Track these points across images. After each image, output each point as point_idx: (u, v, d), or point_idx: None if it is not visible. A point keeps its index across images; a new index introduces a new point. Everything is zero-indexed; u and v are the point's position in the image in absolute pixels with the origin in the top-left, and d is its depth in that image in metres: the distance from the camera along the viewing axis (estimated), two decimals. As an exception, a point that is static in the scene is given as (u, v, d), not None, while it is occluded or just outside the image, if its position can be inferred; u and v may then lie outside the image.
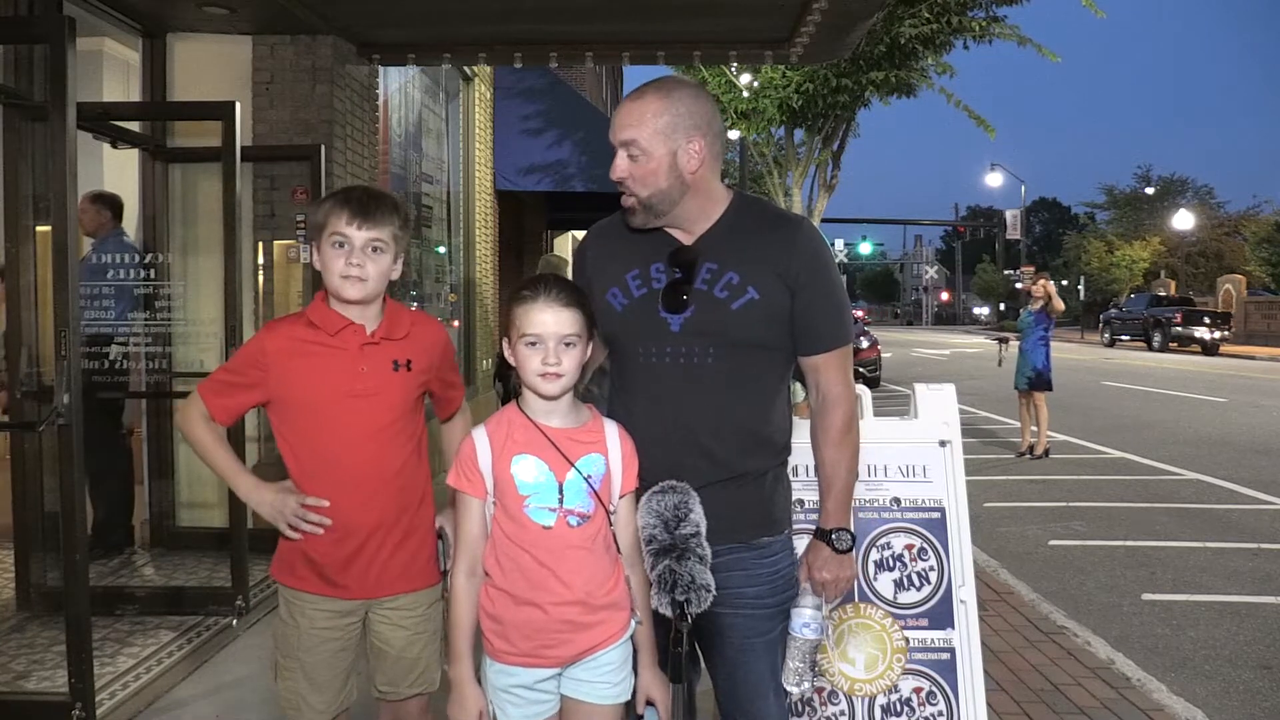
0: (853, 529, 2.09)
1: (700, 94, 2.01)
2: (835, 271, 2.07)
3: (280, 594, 2.20)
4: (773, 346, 2.02)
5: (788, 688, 2.05)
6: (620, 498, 1.95)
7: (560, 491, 1.90)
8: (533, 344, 1.89)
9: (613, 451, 1.95)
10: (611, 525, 1.95)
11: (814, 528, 2.11)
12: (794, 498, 2.18)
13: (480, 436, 1.95)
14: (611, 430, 1.98)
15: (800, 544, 2.14)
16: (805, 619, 2.05)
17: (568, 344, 1.89)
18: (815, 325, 2.02)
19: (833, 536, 2.05)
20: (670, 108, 1.96)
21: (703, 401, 1.98)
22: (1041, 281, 9.78)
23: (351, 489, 2.10)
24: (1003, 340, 11.27)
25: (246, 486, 2.15)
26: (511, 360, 1.95)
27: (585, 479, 1.91)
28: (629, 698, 1.97)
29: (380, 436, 2.12)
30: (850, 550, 2.07)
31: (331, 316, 2.13)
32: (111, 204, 4.92)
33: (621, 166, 1.98)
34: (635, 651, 1.99)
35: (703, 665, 2.15)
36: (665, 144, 1.96)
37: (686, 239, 2.04)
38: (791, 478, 2.17)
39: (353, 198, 2.11)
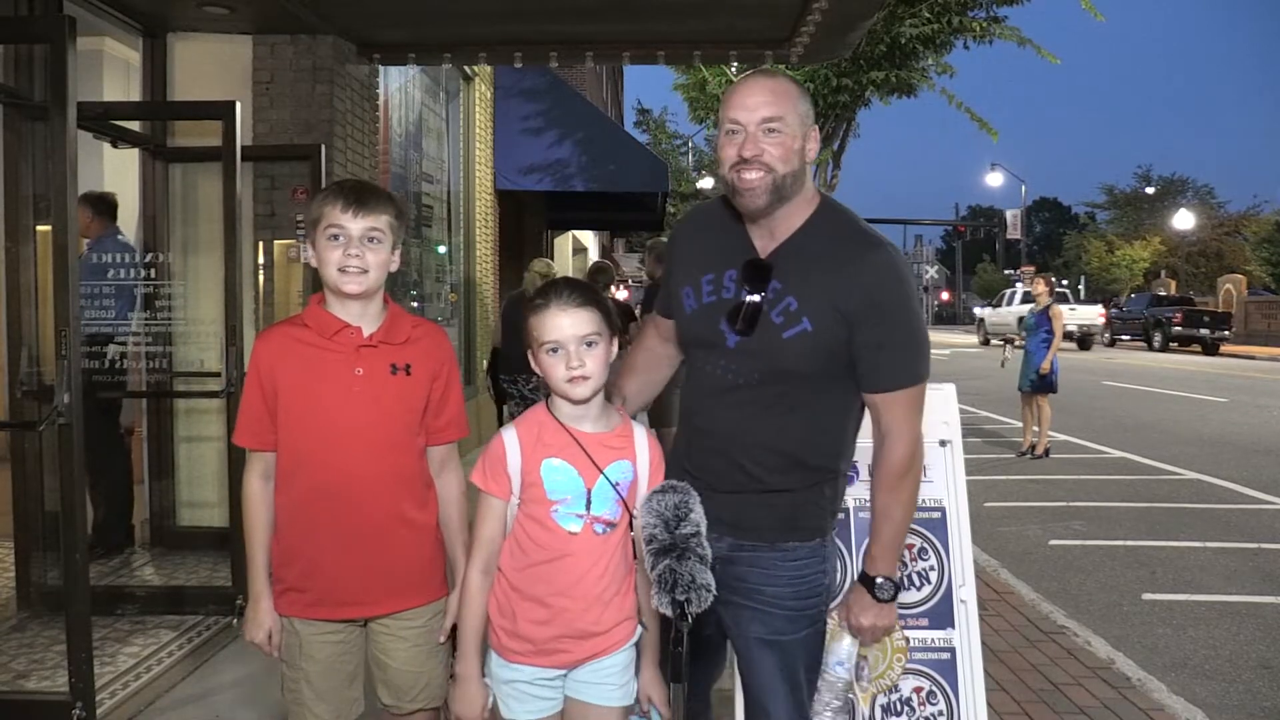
0: (897, 578, 2.02)
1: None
2: (907, 308, 1.92)
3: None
4: (823, 376, 1.93)
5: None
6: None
7: (588, 498, 1.89)
8: (554, 350, 1.87)
9: (641, 457, 1.95)
10: (632, 530, 1.94)
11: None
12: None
13: (510, 436, 1.93)
14: (640, 435, 1.97)
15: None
16: (840, 657, 2.02)
17: (589, 344, 1.87)
18: (874, 363, 1.90)
19: (875, 584, 1.99)
20: (804, 95, 1.93)
21: (740, 419, 1.96)
22: (1039, 280, 9.73)
23: (340, 492, 2.03)
24: (1008, 340, 11.25)
25: (256, 592, 2.11)
26: (537, 369, 1.92)
27: (613, 486, 1.90)
28: (631, 701, 1.97)
29: (375, 441, 2.04)
30: (893, 600, 2.01)
31: (327, 318, 2.05)
32: (95, 205, 4.86)
33: (760, 141, 1.86)
34: (639, 653, 1.99)
35: (730, 657, 2.14)
36: (802, 127, 1.90)
37: (767, 243, 1.96)
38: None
39: (345, 188, 2.04)
